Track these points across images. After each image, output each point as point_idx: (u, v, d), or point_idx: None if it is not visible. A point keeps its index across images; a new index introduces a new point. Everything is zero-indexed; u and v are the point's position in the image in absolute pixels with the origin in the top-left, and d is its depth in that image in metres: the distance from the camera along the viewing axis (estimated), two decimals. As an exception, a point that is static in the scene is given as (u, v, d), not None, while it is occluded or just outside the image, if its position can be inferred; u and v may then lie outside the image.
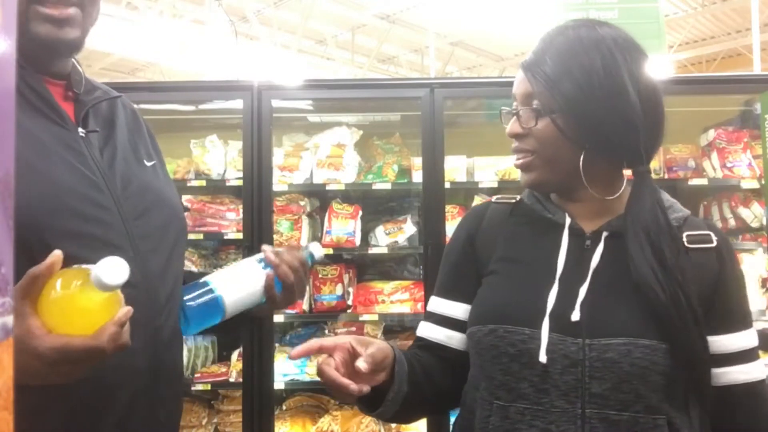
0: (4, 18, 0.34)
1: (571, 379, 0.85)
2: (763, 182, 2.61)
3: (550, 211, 0.96)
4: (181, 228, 1.06)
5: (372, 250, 2.81)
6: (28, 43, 0.88)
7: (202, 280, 0.97)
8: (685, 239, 0.90)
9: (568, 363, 0.85)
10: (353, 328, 2.80)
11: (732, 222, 2.83)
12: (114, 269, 0.66)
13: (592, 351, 0.84)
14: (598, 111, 0.87)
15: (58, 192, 0.83)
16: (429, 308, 1.06)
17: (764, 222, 2.70)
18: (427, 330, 1.04)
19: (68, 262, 0.80)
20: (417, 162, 2.74)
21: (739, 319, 0.92)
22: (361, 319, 2.75)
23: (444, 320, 1.02)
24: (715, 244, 0.91)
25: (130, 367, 0.88)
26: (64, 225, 0.83)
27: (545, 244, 0.93)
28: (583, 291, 0.88)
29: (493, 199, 1.07)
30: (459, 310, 1.01)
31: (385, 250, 2.81)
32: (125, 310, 0.72)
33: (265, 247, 1.04)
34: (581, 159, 0.89)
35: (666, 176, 2.86)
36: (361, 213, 2.86)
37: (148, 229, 0.95)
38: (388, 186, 2.79)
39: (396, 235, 2.86)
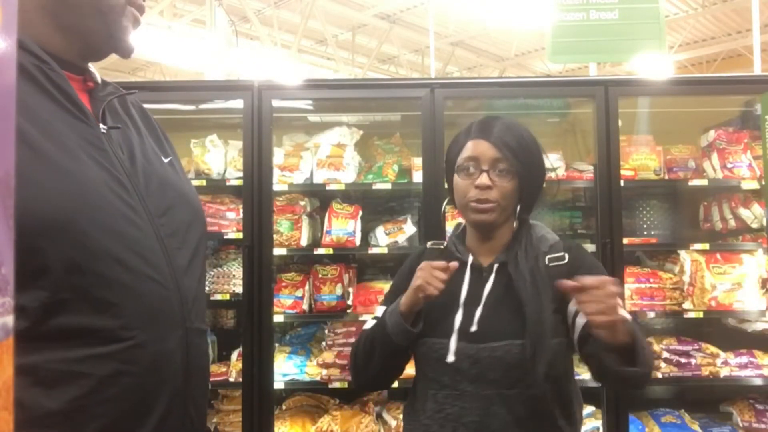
0: (4, 18, 0.34)
1: (474, 371, 1.24)
2: (763, 183, 2.61)
3: (460, 252, 1.37)
4: (203, 226, 1.05)
5: (372, 250, 2.80)
6: (65, 39, 0.89)
7: None
8: (547, 260, 1.30)
9: (471, 361, 1.25)
10: (353, 328, 2.80)
11: (732, 223, 2.82)
12: None
13: (485, 352, 1.24)
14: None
15: (88, 189, 0.82)
16: (375, 314, 1.39)
17: (764, 223, 2.70)
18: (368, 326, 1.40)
19: (101, 258, 0.81)
20: (417, 162, 2.74)
21: None
22: (361, 319, 2.74)
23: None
24: (566, 261, 1.30)
25: (168, 368, 0.88)
26: (96, 222, 0.81)
27: (457, 277, 1.29)
28: (479, 310, 1.27)
29: (428, 244, 1.50)
30: None
31: (385, 250, 2.80)
32: None
33: None
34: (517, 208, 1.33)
35: (666, 177, 2.86)
36: (361, 213, 2.86)
37: (172, 227, 0.93)
38: (388, 186, 2.79)
39: (396, 235, 2.86)
